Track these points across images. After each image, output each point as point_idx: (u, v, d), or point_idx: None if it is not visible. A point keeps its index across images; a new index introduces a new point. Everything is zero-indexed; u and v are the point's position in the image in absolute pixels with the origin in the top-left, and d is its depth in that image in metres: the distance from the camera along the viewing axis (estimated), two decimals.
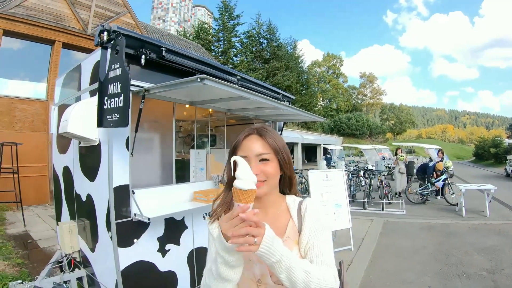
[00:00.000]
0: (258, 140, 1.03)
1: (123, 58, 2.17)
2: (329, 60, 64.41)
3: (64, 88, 3.56)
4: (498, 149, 27.47)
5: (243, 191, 0.81)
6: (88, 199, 2.80)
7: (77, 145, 2.98)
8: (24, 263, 4.55)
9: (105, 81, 2.30)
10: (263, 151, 1.02)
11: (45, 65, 9.24)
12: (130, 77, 2.10)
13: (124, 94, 2.10)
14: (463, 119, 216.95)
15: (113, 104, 2.19)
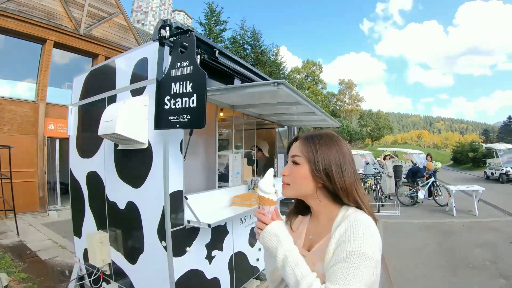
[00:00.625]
0: (300, 145, 1.02)
1: (195, 56, 2.02)
2: (309, 67, 65.26)
3: (87, 87, 3.30)
4: (476, 154, 28.76)
5: (259, 196, 0.96)
6: (129, 207, 2.57)
7: (112, 148, 2.75)
8: (29, 278, 4.17)
9: (166, 80, 2.12)
10: (295, 153, 1.01)
11: (34, 64, 8.73)
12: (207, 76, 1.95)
13: (198, 94, 1.95)
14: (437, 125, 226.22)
15: (180, 104, 2.03)
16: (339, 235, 0.87)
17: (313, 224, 1.05)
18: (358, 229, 0.85)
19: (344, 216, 0.94)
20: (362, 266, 0.80)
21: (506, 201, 9.86)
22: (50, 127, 8.95)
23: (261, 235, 0.94)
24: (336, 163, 0.97)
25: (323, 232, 0.98)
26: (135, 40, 12.06)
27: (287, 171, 1.02)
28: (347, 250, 0.82)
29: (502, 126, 71.22)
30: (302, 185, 0.98)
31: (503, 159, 16.83)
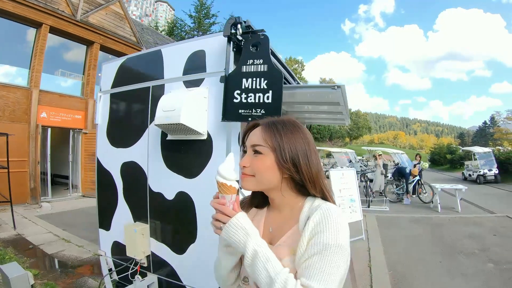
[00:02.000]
0: (261, 132, 0.92)
1: (270, 55, 2.08)
2: (291, 64, 65.79)
3: (122, 75, 3.20)
4: (453, 156, 30.19)
5: (219, 183, 0.85)
6: (179, 197, 2.56)
7: (159, 138, 2.71)
8: (42, 274, 4.02)
9: (237, 75, 2.15)
10: (257, 142, 0.91)
11: (28, 49, 8.31)
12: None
13: (274, 91, 2.02)
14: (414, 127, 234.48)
15: (252, 99, 2.07)
16: (312, 226, 0.82)
17: (272, 216, 1.00)
18: (332, 220, 0.81)
19: (312, 207, 0.90)
20: (339, 258, 0.77)
21: (484, 200, 10.59)
22: (43, 115, 8.59)
23: (225, 229, 0.82)
24: (303, 151, 0.91)
25: (287, 225, 0.93)
26: (131, 29, 11.76)
27: (247, 161, 0.91)
28: (323, 242, 0.78)
29: (477, 130, 74.93)
30: (267, 176, 0.90)
31: (480, 162, 17.78)
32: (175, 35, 31.81)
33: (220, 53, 2.39)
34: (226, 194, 0.84)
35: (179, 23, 33.77)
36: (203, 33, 32.99)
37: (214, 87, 2.41)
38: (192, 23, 33.52)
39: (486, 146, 26.13)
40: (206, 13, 33.04)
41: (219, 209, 0.84)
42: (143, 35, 14.05)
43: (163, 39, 19.13)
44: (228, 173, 0.84)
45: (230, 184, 0.84)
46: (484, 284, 3.88)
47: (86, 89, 10.21)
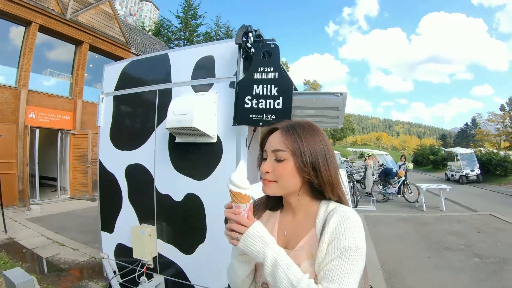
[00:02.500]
0: (281, 136, 0.91)
1: (280, 64, 2.18)
2: None
3: (127, 78, 3.23)
4: (436, 156, 31.08)
5: (233, 192, 0.82)
6: (188, 199, 2.62)
7: (167, 141, 2.77)
8: (39, 279, 3.93)
9: (247, 81, 2.24)
10: (278, 147, 0.89)
11: (16, 48, 8.12)
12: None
13: (284, 98, 2.13)
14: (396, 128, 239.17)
15: (263, 105, 2.17)
16: (331, 230, 0.82)
17: (287, 219, 0.99)
18: (351, 223, 0.83)
19: (327, 210, 0.90)
20: (358, 259, 0.79)
21: (467, 200, 11.01)
22: (31, 115, 8.40)
23: (242, 239, 0.80)
24: (322, 155, 0.90)
25: (302, 228, 0.93)
26: (120, 29, 11.62)
27: (269, 167, 0.90)
28: (342, 245, 0.79)
29: (459, 132, 77.11)
30: (289, 181, 0.90)
31: (463, 162, 18.41)
32: (162, 35, 31.53)
33: (228, 59, 2.48)
34: (241, 203, 0.82)
35: (166, 23, 33.49)
36: (189, 34, 32.88)
37: (223, 92, 2.49)
38: (179, 24, 33.34)
39: (468, 147, 27.12)
40: (193, 14, 32.94)
41: (235, 219, 0.81)
42: (131, 35, 13.90)
43: (151, 39, 18.93)
44: (242, 182, 0.82)
45: (245, 193, 0.82)
46: (471, 276, 4.10)
47: (74, 89, 10.02)
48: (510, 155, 20.88)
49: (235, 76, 2.40)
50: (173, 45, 32.74)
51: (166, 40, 31.25)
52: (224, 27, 37.44)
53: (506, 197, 12.21)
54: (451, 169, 20.14)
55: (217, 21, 36.92)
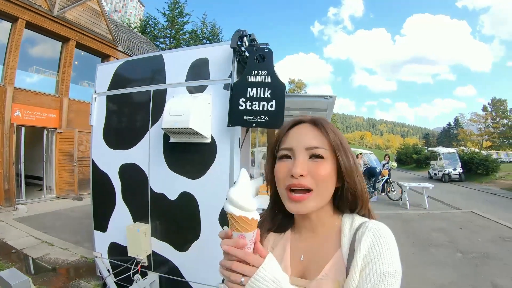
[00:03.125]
0: (312, 130, 0.74)
1: (273, 67, 2.26)
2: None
3: (120, 78, 3.26)
4: (419, 156, 31.83)
5: (234, 217, 0.60)
6: (182, 197, 2.69)
7: (161, 141, 2.82)
8: (32, 279, 3.93)
9: (242, 83, 2.32)
10: (316, 144, 0.71)
11: (2, 44, 7.95)
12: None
13: (277, 100, 2.23)
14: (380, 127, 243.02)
15: (257, 107, 2.25)
16: (364, 253, 0.67)
17: (302, 240, 0.79)
18: (387, 242, 0.69)
19: (352, 226, 0.74)
20: (396, 284, 0.66)
21: (449, 198, 11.43)
22: (17, 113, 8.23)
23: (250, 285, 0.59)
24: (353, 156, 0.75)
25: (324, 251, 0.75)
26: (107, 27, 11.49)
27: (304, 169, 0.69)
28: (380, 271, 0.65)
29: (442, 131, 79.10)
30: (328, 187, 0.72)
31: (445, 161, 18.98)
32: (148, 33, 31.23)
33: (223, 62, 2.55)
34: (247, 232, 0.60)
35: (152, 21, 33.19)
36: (176, 32, 32.70)
37: (217, 94, 2.56)
38: (165, 22, 33.07)
39: (451, 147, 27.88)
40: (180, 12, 32.72)
41: (240, 257, 0.59)
42: (118, 32, 13.73)
43: (137, 37, 18.74)
44: (248, 201, 0.60)
45: (252, 217, 0.60)
46: (455, 271, 4.31)
47: (61, 87, 9.86)
48: (491, 154, 21.68)
49: (229, 78, 2.48)
50: (159, 42, 32.46)
51: (152, 37, 30.96)
52: (211, 25, 37.35)
53: (488, 195, 12.70)
54: (434, 168, 20.70)
55: (203, 20, 36.80)
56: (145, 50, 15.85)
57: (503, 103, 47.94)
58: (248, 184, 0.62)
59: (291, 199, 0.70)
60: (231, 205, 0.60)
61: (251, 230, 0.60)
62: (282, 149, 0.74)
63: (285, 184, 0.70)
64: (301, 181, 0.68)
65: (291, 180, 0.69)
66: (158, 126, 2.79)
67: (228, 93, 2.46)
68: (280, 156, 0.74)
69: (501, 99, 48.46)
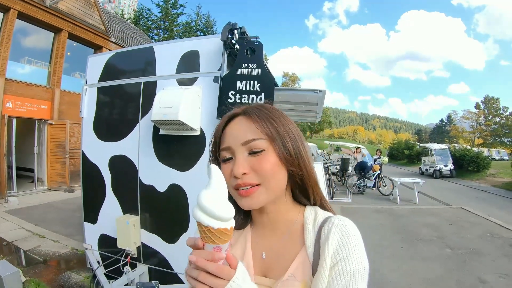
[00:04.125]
0: (246, 123, 0.68)
1: (263, 61, 2.27)
2: None
3: (111, 69, 3.24)
4: (411, 151, 32.13)
5: (209, 230, 0.52)
6: (172, 189, 2.70)
7: (151, 133, 2.82)
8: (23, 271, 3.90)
9: (231, 76, 2.33)
10: (252, 136, 0.66)
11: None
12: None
13: (266, 94, 2.24)
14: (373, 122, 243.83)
15: (246, 100, 2.28)
16: (332, 251, 0.64)
17: (262, 237, 0.75)
18: (355, 240, 0.65)
19: (316, 222, 0.70)
20: (364, 282, 0.64)
21: (440, 193, 11.57)
22: (8, 105, 8.13)
23: None
24: (300, 139, 0.71)
25: (287, 248, 0.71)
26: (100, 17, 11.34)
27: (246, 167, 0.65)
28: (349, 270, 0.63)
29: (434, 127, 79.86)
30: (276, 178, 0.67)
31: (437, 157, 19.18)
32: (141, 24, 30.94)
33: (213, 54, 2.55)
34: (223, 243, 0.53)
35: (146, 12, 32.86)
36: (169, 24, 32.45)
37: (207, 86, 2.57)
38: (159, 13, 32.75)
39: (443, 143, 28.20)
40: (174, 3, 32.43)
41: (211, 271, 0.53)
42: (111, 23, 13.55)
43: (130, 28, 18.52)
44: (226, 209, 0.52)
45: (230, 226, 0.54)
46: (443, 266, 4.39)
47: (52, 78, 9.74)
48: (483, 151, 21.94)
49: (219, 71, 2.48)
50: (153, 34, 32.19)
51: (145, 29, 30.69)
52: (205, 17, 37.08)
53: (478, 192, 12.89)
54: (425, 163, 20.87)
55: (197, 11, 36.51)
56: (138, 41, 15.68)
57: (496, 101, 48.57)
58: (223, 184, 0.54)
59: (241, 195, 0.66)
60: (206, 215, 0.51)
61: (227, 240, 0.53)
62: (222, 150, 0.70)
63: (232, 185, 0.65)
64: (245, 180, 0.64)
65: (236, 180, 0.65)
66: (148, 118, 2.78)
67: (218, 85, 2.46)
68: (222, 157, 0.69)
69: (494, 97, 49.13)
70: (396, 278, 3.92)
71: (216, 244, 0.52)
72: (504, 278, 3.95)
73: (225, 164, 0.68)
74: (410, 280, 3.91)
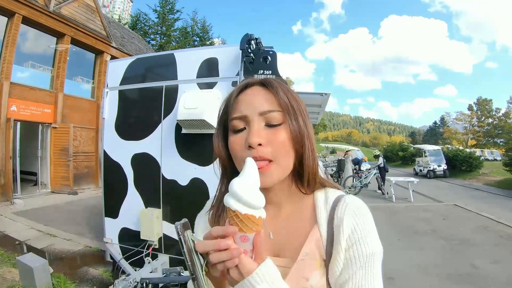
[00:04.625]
0: (264, 93, 0.65)
1: (277, 68, 2.57)
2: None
3: (132, 74, 3.48)
4: (405, 153, 32.72)
5: (238, 215, 0.51)
6: (193, 183, 2.96)
7: (173, 132, 3.07)
8: None
9: None
10: (269, 107, 0.63)
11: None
12: None
13: None
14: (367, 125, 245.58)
15: None
16: (348, 233, 0.62)
17: (268, 217, 0.65)
18: (369, 221, 0.65)
19: (327, 201, 0.68)
20: (380, 264, 0.63)
21: (434, 192, 12.05)
22: (12, 108, 8.29)
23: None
24: (308, 119, 0.69)
25: (298, 228, 0.68)
26: (101, 23, 11.55)
27: (263, 138, 0.62)
28: (366, 252, 0.61)
29: (427, 129, 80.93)
30: (288, 157, 0.64)
31: (430, 158, 19.66)
32: (138, 29, 31.10)
33: (231, 61, 2.83)
34: (250, 233, 0.51)
35: (143, 17, 33.04)
36: (166, 29, 32.71)
37: (226, 90, 2.84)
38: (156, 18, 32.98)
39: (436, 145, 28.74)
40: (171, 8, 32.71)
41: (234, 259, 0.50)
42: (111, 29, 13.77)
43: (129, 33, 18.71)
44: (256, 196, 0.52)
45: (259, 215, 0.52)
46: (438, 254, 4.73)
47: (56, 82, 9.91)
48: (475, 152, 22.48)
49: (237, 76, 2.76)
50: (149, 39, 32.35)
51: (142, 34, 30.87)
52: (201, 22, 37.42)
53: (471, 190, 13.36)
54: (419, 164, 21.39)
55: (193, 17, 36.83)
56: (137, 46, 15.90)
57: (488, 102, 49.48)
58: (256, 175, 0.53)
59: None
60: (235, 200, 0.51)
61: (255, 230, 0.51)
62: (235, 119, 0.65)
63: (244, 157, 0.58)
64: (260, 152, 0.60)
65: (250, 152, 0.60)
66: (171, 118, 3.04)
67: None
68: (234, 126, 0.65)
69: (487, 99, 49.99)
70: (393, 265, 4.20)
71: (243, 232, 0.50)
72: (495, 264, 4.28)
73: (236, 135, 0.64)
74: (407, 268, 4.21)
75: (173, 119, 3.00)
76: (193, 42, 36.24)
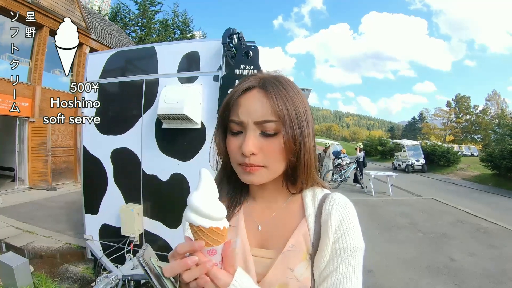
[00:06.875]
0: (262, 99, 0.64)
1: (259, 63, 2.58)
2: None
3: (112, 67, 3.42)
4: (384, 147, 33.52)
5: (201, 230, 0.51)
6: (174, 178, 2.96)
7: (153, 127, 3.05)
8: None
9: (230, 76, 2.61)
10: (267, 116, 0.63)
11: None
12: None
13: None
14: (346, 120, 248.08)
15: None
16: (335, 227, 0.65)
17: (258, 209, 0.75)
18: (354, 217, 0.68)
19: (316, 197, 0.71)
20: (361, 259, 0.66)
21: (412, 186, 12.36)
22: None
23: None
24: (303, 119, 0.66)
25: (286, 221, 0.71)
26: (81, 14, 11.22)
27: (256, 147, 0.63)
28: (350, 246, 0.64)
29: (406, 125, 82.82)
30: (278, 164, 0.66)
31: (409, 153, 20.19)
32: (118, 20, 30.34)
33: (212, 56, 2.83)
34: (217, 245, 0.52)
35: (123, 8, 32.21)
36: (147, 21, 32.10)
37: (207, 84, 2.84)
38: (136, 10, 32.25)
39: (415, 140, 29.50)
40: (152, 0, 32.10)
41: (205, 273, 0.51)
42: (90, 20, 13.37)
43: (109, 25, 18.25)
44: (216, 208, 0.52)
45: (223, 226, 0.53)
46: (416, 247, 4.89)
47: (34, 74, 9.59)
48: (453, 147, 23.22)
49: (218, 71, 2.76)
50: (129, 31, 31.65)
51: (122, 26, 30.16)
52: (182, 15, 36.89)
53: (448, 185, 13.78)
54: (398, 159, 21.86)
55: (174, 9, 36.25)
56: (117, 38, 15.53)
57: (466, 99, 51.00)
58: (213, 186, 0.53)
59: (244, 170, 0.65)
60: (197, 215, 0.51)
61: (222, 241, 0.52)
62: (232, 121, 0.66)
63: (237, 161, 0.65)
64: (251, 161, 0.63)
65: (243, 158, 0.63)
66: (151, 112, 3.02)
67: (217, 84, 2.74)
68: (232, 128, 0.67)
69: (465, 96, 51.49)
70: (372, 258, 4.32)
71: (210, 246, 0.51)
72: (471, 256, 4.47)
73: (233, 137, 0.66)
74: (386, 260, 4.34)
75: (153, 114, 2.98)
76: (174, 34, 35.69)
